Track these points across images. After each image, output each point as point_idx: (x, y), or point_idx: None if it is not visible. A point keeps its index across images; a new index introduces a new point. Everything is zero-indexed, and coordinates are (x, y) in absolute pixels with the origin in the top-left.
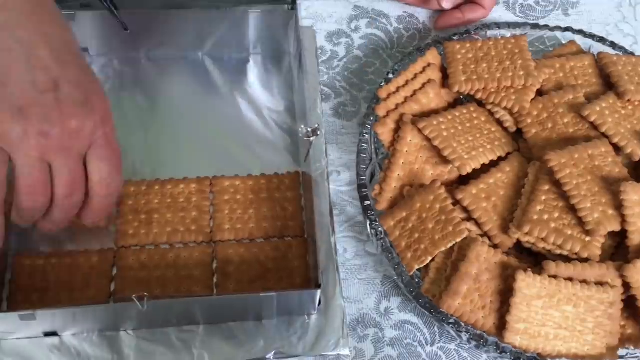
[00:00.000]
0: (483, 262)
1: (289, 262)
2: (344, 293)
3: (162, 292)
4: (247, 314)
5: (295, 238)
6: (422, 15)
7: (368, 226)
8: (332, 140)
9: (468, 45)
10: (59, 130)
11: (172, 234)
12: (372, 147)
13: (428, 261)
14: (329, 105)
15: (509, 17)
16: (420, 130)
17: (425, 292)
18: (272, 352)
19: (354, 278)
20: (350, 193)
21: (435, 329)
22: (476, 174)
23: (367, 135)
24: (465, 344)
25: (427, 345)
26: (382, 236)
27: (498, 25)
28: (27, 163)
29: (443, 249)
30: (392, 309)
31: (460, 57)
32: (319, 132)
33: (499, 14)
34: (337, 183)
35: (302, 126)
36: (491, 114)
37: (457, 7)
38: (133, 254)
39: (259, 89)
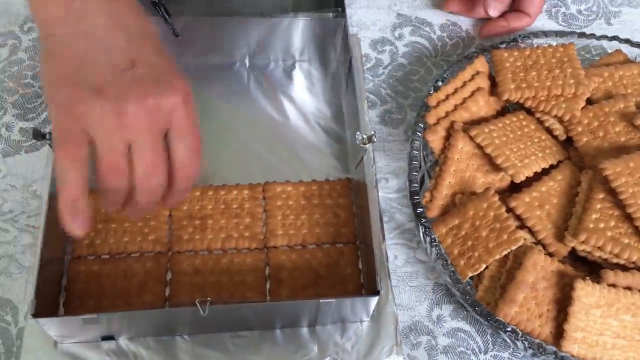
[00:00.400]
0: (540, 270)
1: (341, 269)
2: (395, 300)
3: (217, 298)
4: (302, 319)
5: (347, 244)
6: (465, 23)
7: (421, 233)
8: (379, 148)
9: (516, 53)
10: (137, 108)
11: (226, 240)
12: (422, 154)
13: (482, 269)
14: (375, 112)
15: (552, 25)
16: (471, 138)
17: (479, 300)
18: (327, 359)
19: (405, 285)
20: (399, 200)
21: (488, 337)
22: (527, 182)
23: (417, 143)
24: (519, 352)
25: (481, 353)
26: (436, 243)
27: (545, 33)
28: (106, 143)
29: (498, 256)
30: (444, 317)
31: (508, 65)
32: (374, 139)
33: (542, 22)
34: (385, 190)
35: (358, 133)
36: (540, 122)
37: (502, 15)
38: (187, 259)
39: (305, 96)
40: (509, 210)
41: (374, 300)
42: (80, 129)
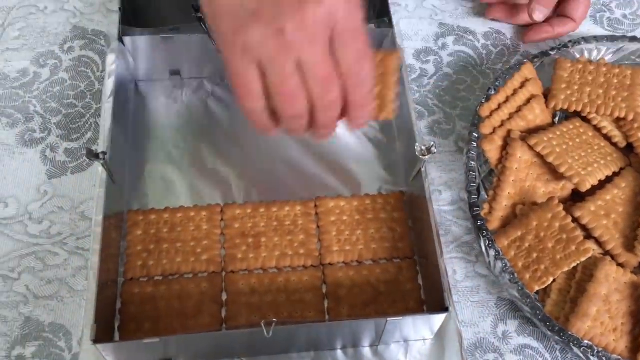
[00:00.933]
0: (612, 282)
1: (400, 285)
2: (458, 316)
3: (276, 317)
4: (364, 339)
5: (405, 260)
6: (508, 31)
7: (483, 246)
8: (430, 159)
9: (580, 66)
10: (295, 23)
11: (280, 258)
12: (477, 165)
13: (549, 282)
14: (423, 123)
15: (598, 31)
16: (530, 147)
17: (548, 315)
18: None
19: (467, 301)
20: (453, 212)
21: (558, 353)
22: (589, 191)
23: (473, 153)
24: None
25: None
26: (501, 256)
27: (596, 38)
28: (275, 68)
29: (566, 269)
30: (510, 333)
31: (566, 76)
32: (434, 150)
33: (587, 28)
34: (439, 203)
35: (417, 144)
36: (597, 129)
37: (546, 21)
38: (242, 278)
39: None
40: (574, 220)
41: (441, 318)
42: (248, 63)
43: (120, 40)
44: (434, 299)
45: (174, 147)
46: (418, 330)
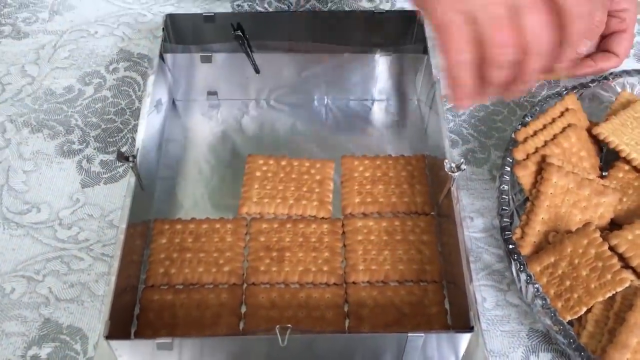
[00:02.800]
0: None
1: (425, 308)
2: (486, 345)
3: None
4: (384, 358)
5: (432, 283)
6: None
7: (514, 271)
8: (463, 186)
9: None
10: None
11: (303, 274)
12: (510, 192)
13: (582, 312)
14: (457, 151)
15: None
16: (566, 173)
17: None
18: None
19: (497, 330)
20: (485, 240)
21: None
22: (628, 219)
23: (506, 177)
24: None
25: None
26: (533, 281)
27: (638, 71)
28: (487, 12)
29: (601, 298)
30: None
31: (621, 112)
32: (464, 167)
33: (630, 64)
34: (470, 229)
35: (447, 160)
36: None
37: (588, 56)
38: (263, 291)
39: (386, 133)
40: (610, 249)
41: (466, 338)
42: (456, 13)
43: (162, 57)
44: (460, 323)
45: (205, 162)
46: (442, 353)
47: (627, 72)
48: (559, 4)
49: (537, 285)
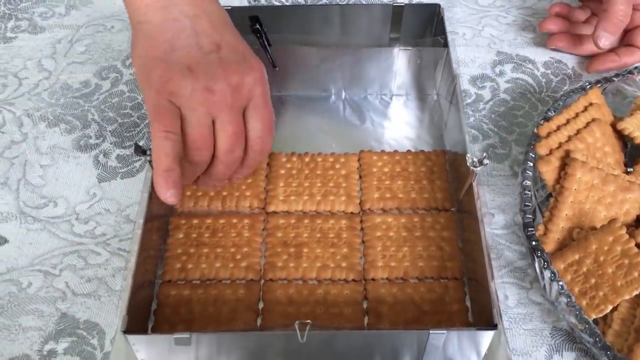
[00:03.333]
0: None
1: (446, 305)
2: (509, 344)
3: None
4: (403, 356)
5: (453, 280)
6: (570, 61)
7: (537, 268)
8: (484, 182)
9: None
10: (223, 86)
11: (321, 270)
12: (533, 189)
13: (608, 310)
14: (477, 147)
15: None
16: (591, 169)
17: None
18: None
19: (519, 328)
20: (506, 236)
21: None
22: None
23: (529, 172)
24: None
25: None
26: (557, 278)
27: None
28: (195, 118)
29: (627, 296)
30: None
31: None
32: (486, 162)
33: None
34: (492, 226)
35: (469, 155)
36: None
37: (612, 50)
38: (280, 287)
39: (404, 128)
40: (637, 246)
41: (488, 336)
42: (172, 105)
43: None
44: (482, 321)
45: None
46: (464, 351)
47: None
48: (250, 135)
49: (561, 283)
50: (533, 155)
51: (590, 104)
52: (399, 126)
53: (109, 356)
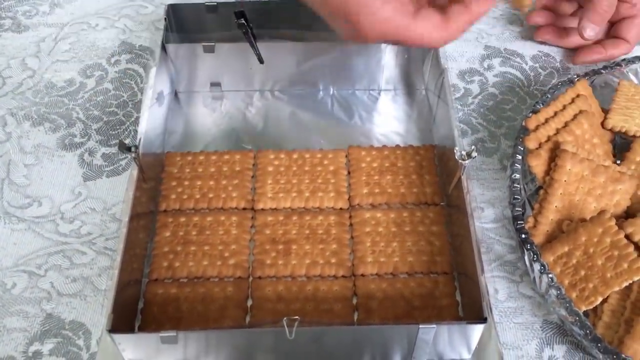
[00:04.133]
0: None
1: (436, 300)
2: (499, 338)
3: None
4: (394, 353)
5: (442, 275)
6: (558, 54)
7: (527, 261)
8: (473, 176)
9: None
10: None
11: (311, 266)
12: (522, 182)
13: (598, 302)
14: (466, 141)
15: None
16: (580, 160)
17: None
18: None
19: (509, 322)
20: (496, 230)
21: None
22: None
23: (518, 166)
24: None
25: None
26: (547, 270)
27: None
28: None
29: (617, 288)
30: (557, 358)
31: (629, 96)
32: (474, 154)
33: None
34: (481, 220)
35: (456, 149)
36: None
37: (598, 42)
38: (269, 284)
39: (392, 124)
40: (625, 237)
41: (479, 330)
42: None
43: (163, 48)
44: (472, 315)
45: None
46: (454, 346)
47: (639, 58)
48: None
49: (551, 275)
50: (522, 149)
51: (578, 96)
52: (387, 121)
53: (95, 357)
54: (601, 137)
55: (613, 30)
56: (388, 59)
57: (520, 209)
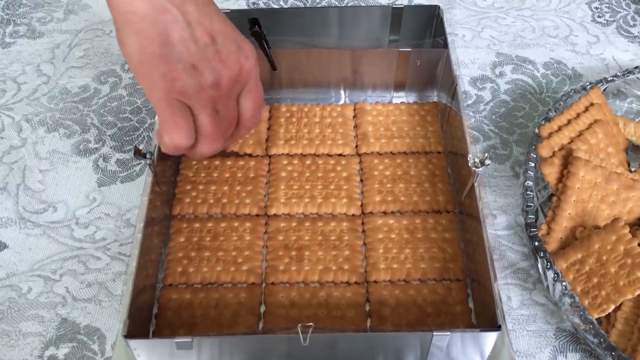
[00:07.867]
0: None
1: (449, 307)
2: (512, 346)
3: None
4: (406, 359)
5: (455, 281)
6: (570, 61)
7: (540, 268)
8: (485, 183)
9: None
10: (226, 80)
11: (323, 273)
12: (535, 189)
13: (610, 310)
14: (478, 148)
15: None
16: (594, 167)
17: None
18: None
19: (522, 329)
20: (508, 237)
21: None
22: None
23: (530, 173)
24: None
25: None
26: (560, 278)
27: None
28: (204, 114)
29: (630, 296)
30: None
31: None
32: (488, 162)
33: None
34: (494, 227)
35: (470, 155)
36: None
37: None
38: (282, 290)
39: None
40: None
41: (492, 337)
42: (181, 103)
43: None
44: (485, 322)
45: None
46: (467, 353)
47: None
48: (243, 115)
49: (565, 283)
50: (534, 156)
51: (592, 104)
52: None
53: None
54: (616, 146)
55: None
56: (400, 66)
57: (533, 216)
